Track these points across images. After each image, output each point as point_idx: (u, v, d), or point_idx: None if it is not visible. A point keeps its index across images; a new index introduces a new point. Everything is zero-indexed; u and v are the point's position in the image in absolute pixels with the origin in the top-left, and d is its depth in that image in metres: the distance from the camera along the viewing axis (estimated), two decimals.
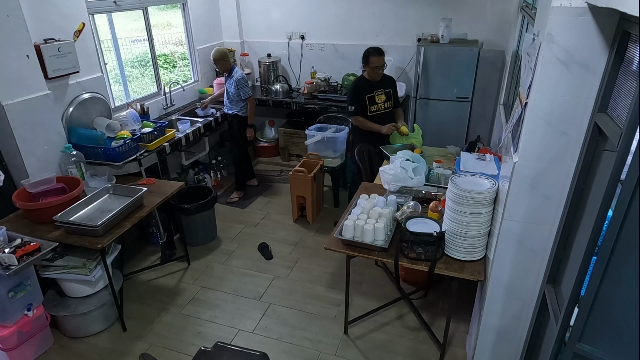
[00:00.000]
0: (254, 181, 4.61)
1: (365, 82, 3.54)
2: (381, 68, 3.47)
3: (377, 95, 3.55)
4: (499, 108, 3.74)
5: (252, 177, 4.62)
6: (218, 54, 3.95)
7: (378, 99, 3.56)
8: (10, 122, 2.60)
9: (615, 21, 1.40)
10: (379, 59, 3.40)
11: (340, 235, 2.36)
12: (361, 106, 3.56)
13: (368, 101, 3.55)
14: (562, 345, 1.46)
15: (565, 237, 1.70)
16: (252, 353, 1.88)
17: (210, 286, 3.19)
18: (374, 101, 3.56)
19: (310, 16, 4.84)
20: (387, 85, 3.59)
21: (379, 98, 3.56)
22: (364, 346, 2.65)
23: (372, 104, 3.57)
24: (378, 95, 3.55)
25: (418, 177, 2.80)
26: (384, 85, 3.57)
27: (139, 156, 3.21)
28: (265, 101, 4.83)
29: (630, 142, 1.15)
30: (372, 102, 3.56)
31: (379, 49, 3.43)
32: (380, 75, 3.51)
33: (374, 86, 3.53)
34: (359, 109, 3.57)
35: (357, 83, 3.63)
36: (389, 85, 3.61)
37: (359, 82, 3.62)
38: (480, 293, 2.39)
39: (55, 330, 2.73)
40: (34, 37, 2.75)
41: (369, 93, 3.54)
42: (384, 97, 3.57)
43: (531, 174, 1.72)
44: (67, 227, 2.54)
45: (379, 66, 3.43)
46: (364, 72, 3.54)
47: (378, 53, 3.41)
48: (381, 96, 3.57)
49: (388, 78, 3.64)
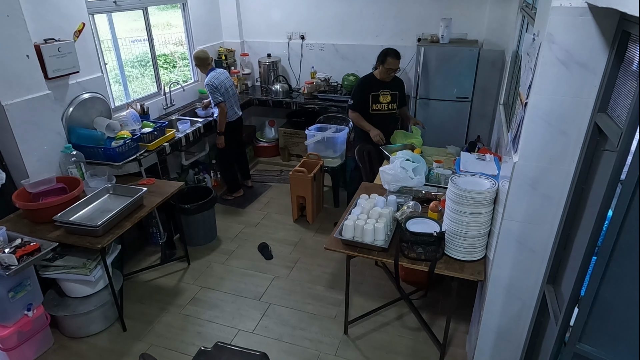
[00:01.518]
0: (240, 191, 4.42)
1: (373, 80, 3.55)
2: (395, 71, 3.47)
3: (382, 95, 3.55)
4: (499, 108, 3.74)
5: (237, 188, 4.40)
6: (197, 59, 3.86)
7: (383, 99, 3.56)
8: (10, 122, 2.60)
9: (615, 21, 1.40)
10: (395, 62, 3.40)
11: (340, 235, 2.36)
12: (362, 103, 3.56)
13: (372, 99, 3.55)
14: (562, 345, 1.46)
15: (565, 237, 1.69)
16: (252, 353, 1.88)
17: (210, 286, 3.19)
18: (377, 100, 3.56)
19: (310, 16, 4.84)
20: (394, 87, 3.58)
21: (383, 98, 3.56)
22: (364, 346, 2.65)
23: (376, 102, 3.56)
24: (383, 95, 3.55)
25: (418, 177, 2.80)
26: (391, 87, 3.56)
27: (139, 156, 3.21)
28: (265, 101, 4.83)
29: (630, 142, 1.15)
30: (376, 100, 3.56)
31: (398, 52, 3.42)
32: (391, 77, 3.51)
33: (381, 86, 3.54)
34: (358, 105, 3.58)
35: (364, 79, 3.63)
36: (396, 87, 3.60)
37: (366, 78, 3.62)
38: (480, 293, 2.39)
39: (55, 330, 2.73)
40: (34, 37, 2.75)
41: (375, 91, 3.54)
42: (389, 98, 3.57)
43: (531, 174, 1.72)
44: (67, 227, 2.53)
45: (393, 69, 3.43)
46: (375, 69, 3.55)
47: (396, 56, 3.40)
48: (386, 97, 3.56)
49: (397, 80, 3.63)
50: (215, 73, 3.87)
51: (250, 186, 4.58)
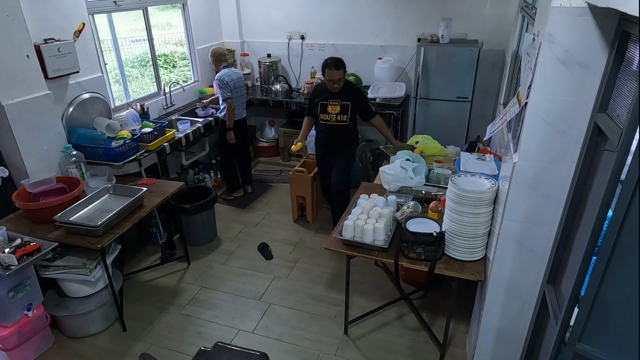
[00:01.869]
0: (239, 191, 4.43)
1: (323, 87, 3.34)
2: (336, 82, 3.18)
3: (330, 105, 3.30)
4: (499, 108, 3.73)
5: (237, 187, 4.41)
6: (214, 54, 4.03)
7: (331, 109, 3.31)
8: (10, 122, 2.60)
9: (615, 21, 1.40)
10: (332, 73, 3.14)
11: (340, 235, 2.37)
12: (311, 110, 3.43)
13: (320, 108, 3.34)
14: (562, 345, 1.46)
15: (565, 237, 1.69)
16: (252, 353, 1.88)
17: (210, 286, 3.19)
18: (325, 110, 3.33)
19: (310, 16, 4.84)
20: (346, 98, 3.28)
21: (332, 108, 3.30)
22: (364, 346, 2.65)
23: (323, 112, 3.34)
24: (332, 106, 3.30)
25: (418, 177, 2.80)
26: (342, 97, 3.28)
27: (139, 156, 3.21)
28: (265, 101, 4.83)
29: (630, 142, 1.15)
30: (324, 110, 3.34)
31: (337, 61, 3.16)
32: (336, 89, 3.24)
33: (330, 95, 3.29)
34: (309, 111, 3.47)
35: (315, 86, 3.40)
36: (349, 98, 3.28)
37: (318, 85, 3.45)
38: (480, 293, 2.39)
39: (55, 330, 2.73)
40: (34, 37, 2.75)
41: (323, 100, 3.32)
42: (338, 109, 3.29)
43: (531, 174, 1.72)
44: (67, 227, 2.53)
45: (333, 80, 3.17)
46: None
47: (335, 66, 3.13)
48: (335, 107, 3.29)
49: (353, 91, 3.33)
50: (228, 70, 3.93)
51: (251, 192, 4.52)
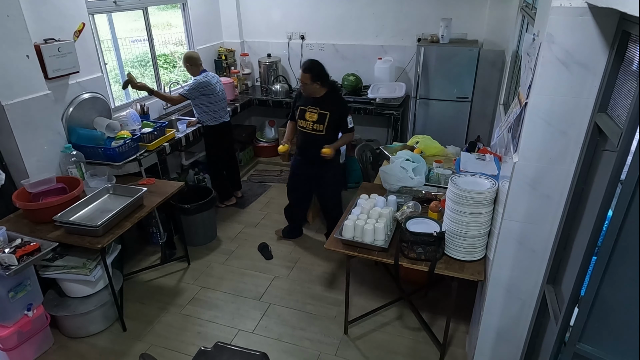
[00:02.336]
0: (232, 199, 4.28)
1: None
2: (306, 85, 3.01)
3: (309, 112, 3.12)
4: (499, 108, 3.73)
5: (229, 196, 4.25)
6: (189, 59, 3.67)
7: (309, 116, 3.12)
8: (10, 122, 2.60)
9: (615, 21, 1.40)
10: (301, 74, 3.01)
11: (340, 235, 2.37)
12: (294, 113, 3.29)
13: (299, 112, 3.18)
14: (562, 345, 1.46)
15: (565, 237, 1.69)
16: (252, 353, 1.88)
17: (210, 286, 3.19)
18: (303, 116, 3.15)
19: (310, 16, 4.84)
20: (325, 107, 3.07)
21: (309, 116, 3.11)
22: (364, 346, 2.65)
23: (302, 118, 3.16)
24: (310, 113, 3.11)
25: (418, 177, 2.80)
26: (321, 105, 3.08)
27: (139, 156, 3.21)
28: (265, 101, 4.83)
29: (630, 142, 1.15)
30: (302, 116, 3.16)
31: (306, 64, 3.01)
32: (309, 94, 3.08)
33: (309, 101, 3.12)
34: (293, 115, 3.32)
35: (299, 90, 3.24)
36: (329, 108, 3.07)
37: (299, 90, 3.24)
38: (480, 293, 2.39)
39: (55, 330, 2.73)
40: (34, 37, 2.75)
41: (302, 105, 3.16)
42: (315, 117, 3.09)
43: (531, 174, 1.72)
44: (67, 227, 2.53)
45: (302, 81, 3.02)
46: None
47: (303, 69, 2.99)
48: (313, 115, 3.10)
49: (334, 103, 3.11)
50: (208, 74, 3.70)
51: (240, 196, 4.39)
